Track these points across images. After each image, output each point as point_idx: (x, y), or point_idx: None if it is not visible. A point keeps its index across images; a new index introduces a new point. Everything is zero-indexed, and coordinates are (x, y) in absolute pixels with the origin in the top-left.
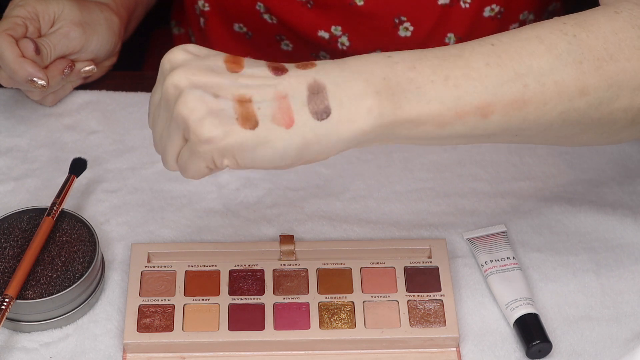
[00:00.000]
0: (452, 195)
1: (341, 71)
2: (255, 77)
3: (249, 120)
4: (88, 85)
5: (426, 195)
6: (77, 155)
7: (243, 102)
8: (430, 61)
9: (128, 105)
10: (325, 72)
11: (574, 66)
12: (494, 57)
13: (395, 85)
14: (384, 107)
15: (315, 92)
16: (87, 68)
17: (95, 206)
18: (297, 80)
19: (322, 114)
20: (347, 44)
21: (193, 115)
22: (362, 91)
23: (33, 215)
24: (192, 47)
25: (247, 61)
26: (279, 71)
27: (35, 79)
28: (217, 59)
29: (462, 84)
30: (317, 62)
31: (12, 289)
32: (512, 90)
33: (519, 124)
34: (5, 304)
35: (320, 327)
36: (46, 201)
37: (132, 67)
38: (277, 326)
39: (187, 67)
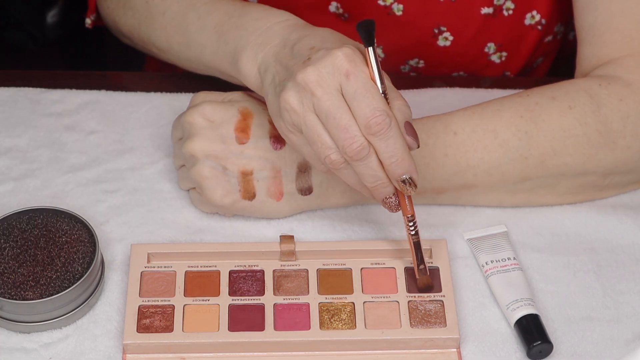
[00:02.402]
0: None
1: None
2: (258, 149)
3: (249, 193)
4: (87, 85)
5: None
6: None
7: (246, 174)
8: None
9: (128, 105)
10: None
11: (520, 161)
12: (453, 149)
13: None
14: (355, 191)
15: (303, 170)
16: None
17: (95, 206)
18: (290, 158)
19: (306, 191)
20: (382, 55)
21: (206, 184)
22: None
23: (32, 216)
24: (208, 110)
25: (254, 130)
26: (278, 144)
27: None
28: (229, 127)
29: (422, 171)
30: None
31: None
32: (463, 178)
33: (468, 197)
34: None
35: (320, 328)
36: (46, 201)
37: (132, 67)
38: (277, 327)
39: (202, 137)
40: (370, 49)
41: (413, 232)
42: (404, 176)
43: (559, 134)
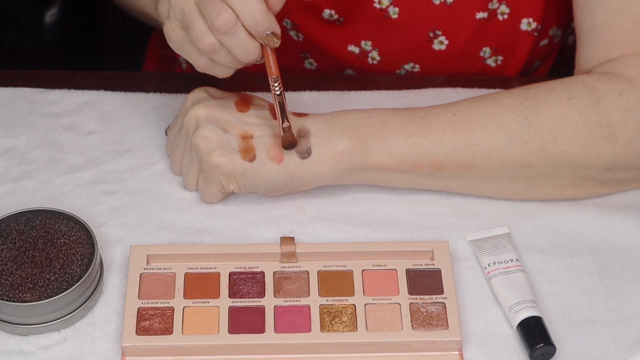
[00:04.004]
0: (454, 197)
1: (324, 121)
2: (258, 117)
3: (249, 153)
4: (86, 85)
5: (428, 197)
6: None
7: (245, 137)
8: (399, 119)
9: (126, 105)
10: (313, 121)
11: (520, 144)
12: (452, 126)
13: (366, 134)
14: (353, 153)
15: (302, 135)
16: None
17: (94, 208)
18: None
19: (305, 153)
20: (377, 58)
21: (206, 146)
22: (338, 136)
23: (30, 217)
24: (210, 89)
25: (254, 104)
26: None
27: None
28: (229, 101)
29: (420, 142)
30: (310, 113)
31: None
32: (461, 155)
33: (467, 179)
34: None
35: (321, 330)
36: (44, 203)
37: (131, 67)
38: (277, 329)
39: (205, 104)
40: None
41: (278, 93)
42: (267, 31)
43: (558, 122)
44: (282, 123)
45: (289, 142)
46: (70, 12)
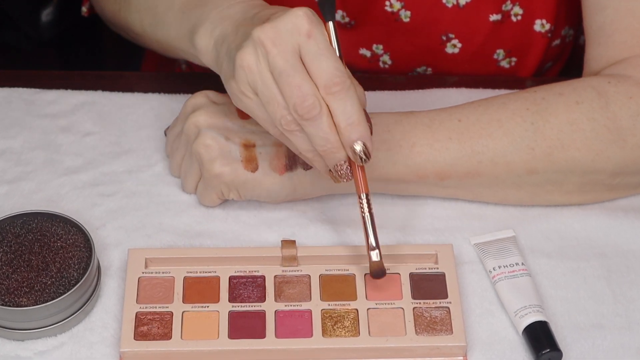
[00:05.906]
0: (458, 200)
1: None
2: (260, 125)
3: (251, 163)
4: (83, 85)
5: (432, 200)
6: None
7: (248, 146)
8: (403, 127)
9: (125, 106)
10: None
11: (526, 151)
12: (457, 133)
13: None
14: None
15: None
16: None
17: (91, 210)
18: None
19: (308, 165)
20: (389, 62)
21: (207, 154)
22: None
23: (27, 220)
24: (211, 94)
25: None
26: None
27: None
28: (231, 106)
29: (425, 152)
30: None
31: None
32: (467, 164)
33: (472, 187)
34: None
35: (323, 335)
36: (40, 205)
37: (129, 67)
38: (278, 334)
39: (206, 110)
40: (331, 23)
41: (367, 212)
42: (358, 143)
43: (565, 127)
44: (370, 248)
45: (377, 270)
46: (67, 11)
